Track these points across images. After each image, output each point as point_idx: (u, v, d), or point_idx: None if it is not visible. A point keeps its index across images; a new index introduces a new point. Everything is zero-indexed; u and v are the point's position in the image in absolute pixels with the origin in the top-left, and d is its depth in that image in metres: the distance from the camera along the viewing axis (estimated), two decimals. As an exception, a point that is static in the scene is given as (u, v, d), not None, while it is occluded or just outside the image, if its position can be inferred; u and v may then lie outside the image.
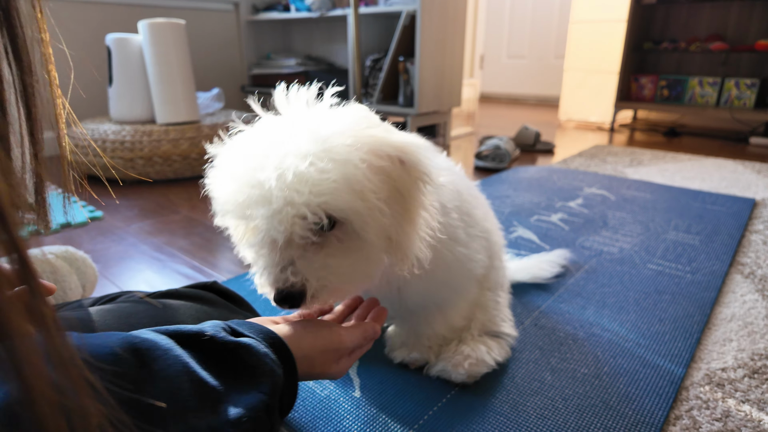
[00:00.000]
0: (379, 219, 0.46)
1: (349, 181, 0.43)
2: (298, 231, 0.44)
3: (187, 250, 1.24)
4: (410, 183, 0.48)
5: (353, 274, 0.49)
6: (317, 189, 0.42)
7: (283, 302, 0.47)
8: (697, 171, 1.99)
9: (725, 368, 0.78)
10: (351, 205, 0.44)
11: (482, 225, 0.71)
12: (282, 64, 2.92)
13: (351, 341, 0.53)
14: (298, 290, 0.46)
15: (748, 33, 2.83)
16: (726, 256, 1.17)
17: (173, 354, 0.38)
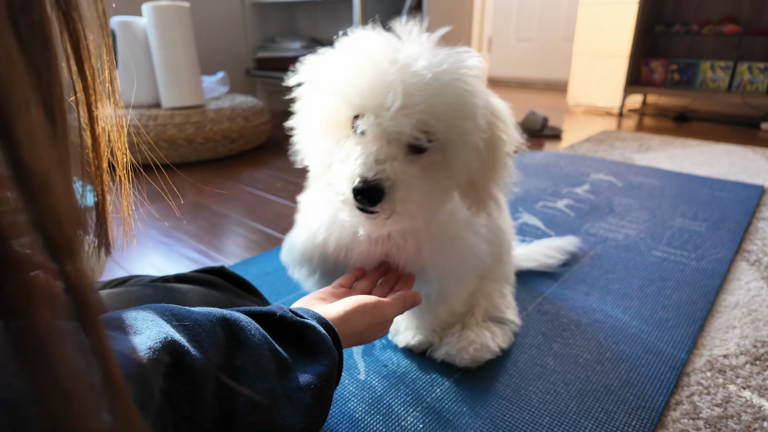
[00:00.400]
0: (472, 159, 0.51)
1: (467, 115, 0.48)
2: (409, 133, 0.47)
3: (193, 234, 1.26)
4: (498, 143, 0.54)
5: (428, 199, 0.51)
6: (442, 109, 0.47)
7: (363, 193, 0.48)
8: (706, 157, 1.97)
9: (727, 355, 0.79)
10: (459, 136, 0.48)
11: (496, 223, 0.73)
12: (287, 47, 2.89)
13: (393, 313, 0.57)
14: (381, 186, 0.47)
15: (763, 15, 2.76)
16: (732, 243, 1.16)
17: (254, 327, 0.44)
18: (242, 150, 2.05)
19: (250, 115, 2.05)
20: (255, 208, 1.43)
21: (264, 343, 0.43)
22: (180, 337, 0.36)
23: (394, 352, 0.78)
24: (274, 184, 1.66)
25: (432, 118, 0.47)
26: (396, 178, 0.48)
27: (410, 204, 0.49)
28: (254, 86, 3.16)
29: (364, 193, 0.48)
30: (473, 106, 0.49)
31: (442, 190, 0.52)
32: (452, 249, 0.63)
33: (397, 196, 0.48)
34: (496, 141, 0.54)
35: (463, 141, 0.49)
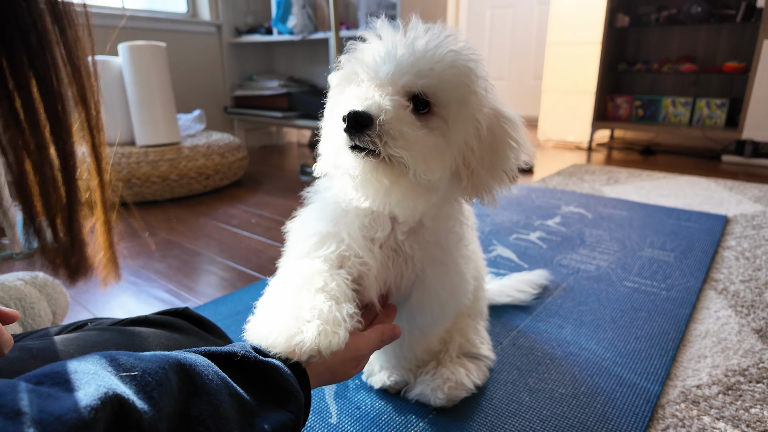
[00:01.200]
0: (470, 134, 0.53)
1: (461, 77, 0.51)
2: (405, 78, 0.50)
3: (163, 273, 1.22)
4: (502, 139, 0.55)
5: (427, 150, 0.51)
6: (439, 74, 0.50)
7: (349, 121, 0.48)
8: (671, 188, 2.04)
9: (700, 385, 0.79)
10: (455, 97, 0.51)
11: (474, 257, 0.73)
12: (265, 86, 2.94)
13: (369, 347, 0.54)
14: (369, 113, 0.48)
15: (717, 55, 2.94)
16: (700, 272, 1.19)
17: (213, 370, 0.41)
18: (218, 186, 2.04)
19: (226, 152, 2.05)
20: (228, 245, 1.41)
21: (223, 387, 0.41)
22: (125, 389, 0.34)
23: (368, 393, 0.76)
24: (249, 220, 1.65)
25: (436, 86, 0.50)
26: (384, 106, 0.48)
27: (403, 142, 0.49)
28: (232, 123, 3.17)
29: (351, 118, 0.48)
30: (464, 64, 0.52)
31: (439, 149, 0.52)
32: (447, 273, 0.63)
33: (388, 122, 0.48)
34: (501, 139, 0.55)
35: (454, 95, 0.51)
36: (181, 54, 2.80)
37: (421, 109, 0.51)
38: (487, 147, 0.55)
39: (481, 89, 0.53)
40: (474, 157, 0.54)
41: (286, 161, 2.78)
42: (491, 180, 0.56)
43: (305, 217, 0.63)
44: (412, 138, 0.49)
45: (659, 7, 2.96)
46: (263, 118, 2.89)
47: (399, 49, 0.51)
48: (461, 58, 0.52)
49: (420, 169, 0.50)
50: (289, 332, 0.48)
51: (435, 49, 0.51)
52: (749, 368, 0.83)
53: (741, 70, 2.70)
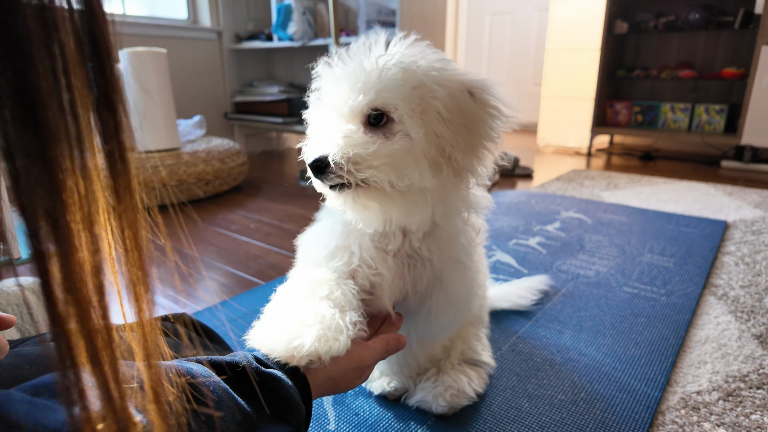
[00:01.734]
0: (434, 124, 0.52)
1: (409, 90, 0.51)
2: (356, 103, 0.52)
3: (162, 279, 1.22)
4: (478, 114, 0.54)
5: (391, 160, 0.51)
6: (382, 86, 0.51)
7: (312, 170, 0.52)
8: (671, 194, 2.04)
9: (700, 391, 0.78)
10: (403, 103, 0.51)
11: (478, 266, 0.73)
12: (265, 92, 2.95)
13: (373, 358, 0.54)
14: (324, 158, 0.51)
15: (715, 61, 2.95)
16: (699, 278, 1.19)
17: (214, 380, 0.41)
18: (217, 192, 2.04)
19: (226, 157, 2.05)
20: (227, 251, 1.41)
21: (224, 399, 0.40)
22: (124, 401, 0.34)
23: (366, 399, 0.75)
24: (248, 225, 1.65)
25: (383, 95, 0.52)
26: (337, 144, 0.51)
27: (366, 165, 0.50)
28: (232, 129, 3.18)
29: (314, 168, 0.52)
30: (405, 71, 0.52)
31: (406, 153, 0.52)
32: (463, 279, 0.63)
33: (344, 156, 0.50)
34: (469, 110, 0.53)
35: (406, 101, 0.52)
36: (182, 60, 2.81)
37: (379, 122, 0.52)
38: (457, 127, 0.53)
39: (428, 75, 0.53)
40: (446, 143, 0.53)
41: (286, 167, 2.78)
42: (471, 158, 0.55)
43: (316, 231, 0.64)
44: (371, 156, 0.50)
45: (657, 13, 2.97)
46: (263, 123, 2.90)
47: (342, 75, 0.54)
48: (395, 58, 0.53)
49: (393, 178, 0.51)
50: (288, 336, 0.49)
51: (370, 65, 0.52)
52: (749, 374, 0.83)
53: (739, 76, 2.71)
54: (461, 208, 0.60)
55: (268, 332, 0.51)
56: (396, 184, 0.51)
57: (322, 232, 0.63)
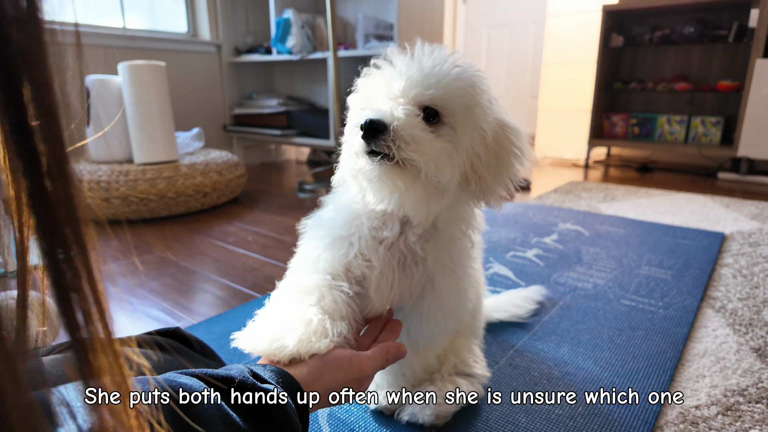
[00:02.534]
0: (477, 142, 0.57)
1: (466, 91, 0.56)
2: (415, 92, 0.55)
3: (158, 292, 1.21)
4: (509, 149, 0.60)
5: (437, 154, 0.55)
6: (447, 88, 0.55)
7: (367, 127, 0.52)
8: (668, 206, 2.04)
9: (699, 405, 0.78)
10: (460, 110, 0.56)
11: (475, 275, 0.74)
12: (264, 104, 2.97)
13: (372, 368, 0.53)
14: (383, 121, 0.52)
15: (710, 74, 2.98)
16: (697, 290, 1.18)
17: (208, 395, 0.40)
18: (215, 204, 2.04)
19: (224, 169, 2.06)
20: (224, 263, 1.40)
21: (218, 416, 0.40)
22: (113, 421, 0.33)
23: (362, 414, 0.74)
24: (246, 237, 1.64)
25: (444, 97, 0.55)
26: (398, 114, 0.53)
27: (416, 146, 0.53)
28: (231, 141, 3.19)
29: (369, 126, 0.52)
30: (471, 87, 0.57)
31: (449, 154, 0.56)
32: (455, 284, 0.65)
33: (401, 129, 0.52)
34: (506, 146, 0.60)
35: (469, 123, 0.56)
36: (182, 73, 2.84)
37: (432, 119, 0.56)
38: (492, 154, 0.59)
39: (485, 101, 0.58)
40: (481, 163, 0.58)
41: (285, 178, 2.79)
42: (496, 185, 0.60)
43: (321, 217, 0.67)
44: (422, 142, 0.53)
45: (653, 27, 3.01)
46: (262, 136, 2.92)
47: (408, 68, 0.56)
48: (465, 72, 0.57)
49: (431, 170, 0.54)
50: (273, 336, 0.51)
51: (441, 64, 0.56)
52: (748, 388, 0.82)
53: (734, 89, 2.73)
54: (463, 220, 0.64)
55: (253, 333, 0.53)
56: (430, 177, 0.55)
57: (327, 219, 0.65)
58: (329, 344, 0.52)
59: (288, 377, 0.47)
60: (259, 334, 0.52)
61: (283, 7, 2.76)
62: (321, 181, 2.50)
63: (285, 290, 0.60)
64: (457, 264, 0.65)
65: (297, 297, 0.57)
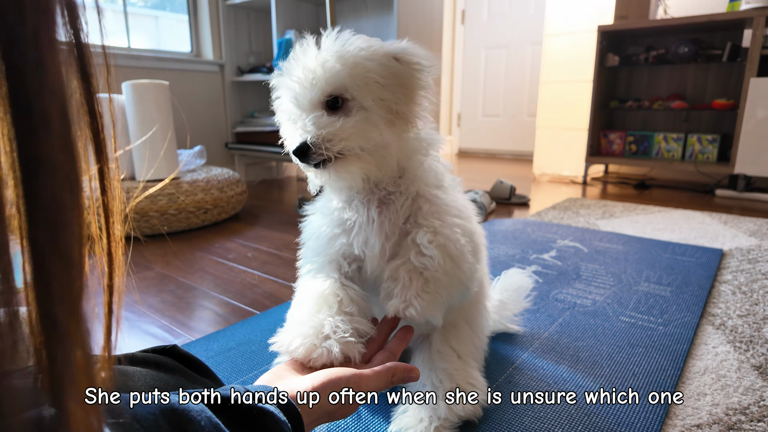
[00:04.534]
0: (377, 92, 0.62)
1: (349, 72, 0.61)
2: (314, 95, 0.62)
3: (157, 308, 1.21)
4: (407, 72, 0.65)
5: (355, 130, 0.62)
6: (328, 76, 0.61)
7: (297, 155, 0.62)
8: (666, 222, 2.05)
9: (700, 425, 0.77)
10: (349, 83, 0.61)
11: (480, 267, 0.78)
12: (265, 123, 3.00)
13: (372, 389, 0.54)
14: (306, 144, 0.61)
15: (705, 92, 3.03)
16: (697, 307, 1.18)
17: (206, 416, 0.40)
18: (216, 220, 2.05)
19: (225, 186, 2.07)
20: (224, 280, 1.40)
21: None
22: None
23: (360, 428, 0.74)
24: (246, 253, 1.65)
25: (320, 85, 0.62)
26: (311, 130, 0.61)
27: (338, 138, 0.61)
28: (233, 158, 3.22)
29: (297, 155, 0.62)
30: (353, 63, 0.62)
31: (366, 122, 0.63)
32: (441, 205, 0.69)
33: (318, 137, 0.61)
34: (401, 78, 0.64)
35: (357, 85, 0.62)
36: (185, 92, 2.88)
37: (336, 105, 0.63)
38: (395, 87, 0.64)
39: (358, 57, 0.62)
40: (391, 102, 0.64)
41: (285, 195, 2.80)
42: (412, 107, 0.66)
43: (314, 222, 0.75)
44: (340, 132, 0.61)
45: (648, 47, 3.06)
46: (263, 153, 2.94)
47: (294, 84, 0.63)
48: (345, 53, 0.62)
49: (362, 143, 0.62)
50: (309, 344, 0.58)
51: (323, 59, 0.62)
52: (750, 406, 0.81)
53: (730, 107, 2.77)
54: (418, 146, 0.70)
55: (289, 340, 0.60)
56: (365, 147, 0.62)
57: (319, 223, 0.73)
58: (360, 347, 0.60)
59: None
60: (295, 341, 0.59)
61: (285, 28, 2.81)
62: (321, 198, 2.51)
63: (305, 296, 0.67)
64: (435, 181, 0.71)
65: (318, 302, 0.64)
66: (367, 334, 0.63)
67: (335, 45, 0.64)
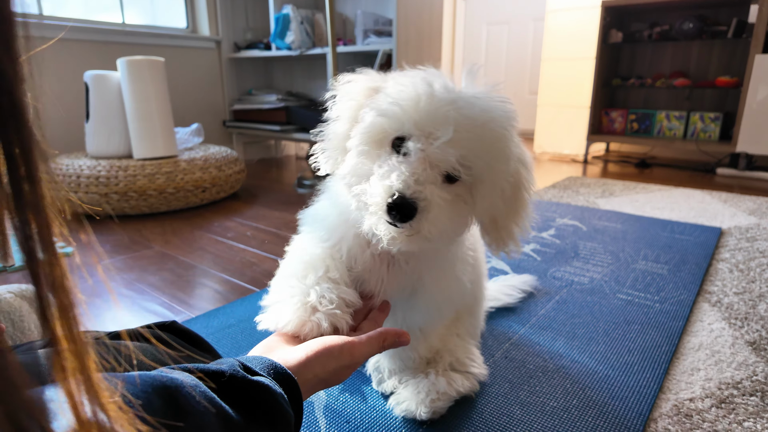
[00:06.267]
0: (497, 199, 0.55)
1: (503, 159, 0.52)
2: (451, 163, 0.50)
3: (157, 286, 1.22)
4: (520, 185, 0.57)
5: (449, 224, 0.53)
6: (484, 149, 0.51)
7: (398, 208, 0.49)
8: (666, 201, 2.05)
9: (693, 398, 0.78)
10: (491, 176, 0.52)
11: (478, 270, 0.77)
12: (263, 100, 2.97)
13: (365, 354, 0.53)
14: (416, 205, 0.50)
15: (709, 70, 2.98)
16: (693, 285, 1.19)
17: (200, 390, 0.40)
18: (214, 199, 2.04)
19: (224, 165, 2.06)
20: (223, 258, 1.41)
21: (210, 409, 0.39)
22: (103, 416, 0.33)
23: (358, 405, 0.75)
24: (245, 232, 1.65)
25: (472, 154, 0.51)
26: (431, 200, 0.50)
27: (435, 228, 0.51)
28: (230, 137, 3.19)
29: (399, 208, 0.49)
30: (509, 153, 0.54)
31: (462, 222, 0.55)
32: (444, 279, 0.66)
33: (429, 218, 0.50)
34: (520, 186, 0.57)
35: (492, 181, 0.53)
36: (181, 69, 2.83)
37: (450, 180, 0.53)
38: (510, 203, 0.56)
39: (512, 149, 0.54)
40: (498, 213, 0.56)
41: (284, 174, 2.79)
42: (513, 227, 0.58)
43: (315, 212, 0.68)
44: (444, 219, 0.52)
45: (652, 23, 3.01)
46: (262, 131, 2.92)
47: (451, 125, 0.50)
48: (507, 144, 0.53)
49: (443, 240, 0.54)
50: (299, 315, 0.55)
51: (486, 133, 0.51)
52: (743, 381, 0.83)
53: (733, 85, 2.73)
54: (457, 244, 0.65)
55: (276, 315, 0.56)
56: (438, 241, 0.54)
57: (321, 216, 0.67)
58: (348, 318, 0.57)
59: (279, 368, 0.47)
60: (283, 315, 0.56)
61: (283, 3, 2.75)
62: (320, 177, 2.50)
63: (293, 263, 0.63)
64: (448, 267, 0.66)
65: (306, 269, 0.60)
66: (354, 304, 0.59)
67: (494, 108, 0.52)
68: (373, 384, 0.78)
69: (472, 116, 0.51)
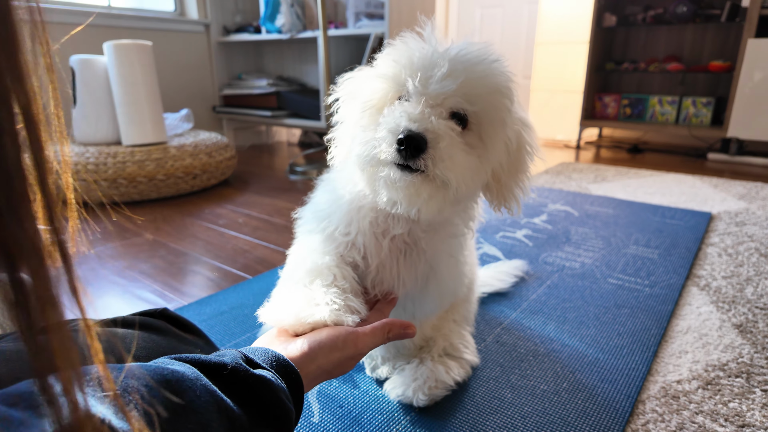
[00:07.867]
0: (502, 149, 0.55)
1: (501, 92, 0.53)
2: (452, 96, 0.51)
3: (148, 274, 1.21)
4: (521, 146, 0.58)
5: (465, 172, 0.52)
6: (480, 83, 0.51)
7: (408, 141, 0.48)
8: (658, 186, 2.06)
9: (680, 380, 0.80)
10: (494, 111, 0.52)
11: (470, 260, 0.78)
12: (253, 85, 2.92)
13: (369, 346, 0.53)
14: (425, 136, 0.48)
15: (702, 54, 2.98)
16: (683, 269, 1.20)
17: (201, 384, 0.39)
18: (205, 186, 2.02)
19: (214, 151, 2.04)
20: (214, 245, 1.40)
21: (212, 404, 0.39)
22: (103, 410, 0.31)
23: (351, 390, 0.76)
24: (236, 219, 1.64)
25: (473, 91, 0.51)
26: (439, 131, 0.49)
27: (451, 165, 0.50)
28: (220, 122, 3.15)
29: (408, 140, 0.48)
30: (506, 87, 0.54)
31: (477, 170, 0.54)
32: (455, 266, 0.67)
33: (441, 148, 0.49)
34: (522, 146, 0.58)
35: (499, 120, 0.53)
36: (169, 53, 2.78)
37: (460, 124, 0.53)
38: (512, 161, 0.58)
39: (514, 105, 0.56)
40: (502, 170, 0.57)
41: (275, 160, 2.77)
42: (515, 186, 0.59)
43: (318, 209, 0.65)
44: (459, 162, 0.51)
45: (646, 6, 2.99)
46: (252, 117, 2.88)
47: (447, 64, 0.51)
48: (504, 80, 0.54)
49: (460, 188, 0.52)
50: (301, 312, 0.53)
51: (482, 69, 0.52)
52: (729, 363, 0.84)
53: (726, 69, 2.73)
54: (470, 218, 0.66)
55: (277, 310, 0.54)
56: (459, 193, 0.52)
57: (324, 211, 0.64)
58: (356, 318, 0.54)
59: (282, 360, 0.46)
60: (283, 311, 0.53)
61: (272, -16, 2.69)
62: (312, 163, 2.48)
63: (297, 270, 0.61)
64: (458, 252, 0.67)
65: (311, 277, 0.59)
66: (359, 312, 0.56)
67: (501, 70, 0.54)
68: (367, 370, 0.79)
69: (468, 57, 0.52)
